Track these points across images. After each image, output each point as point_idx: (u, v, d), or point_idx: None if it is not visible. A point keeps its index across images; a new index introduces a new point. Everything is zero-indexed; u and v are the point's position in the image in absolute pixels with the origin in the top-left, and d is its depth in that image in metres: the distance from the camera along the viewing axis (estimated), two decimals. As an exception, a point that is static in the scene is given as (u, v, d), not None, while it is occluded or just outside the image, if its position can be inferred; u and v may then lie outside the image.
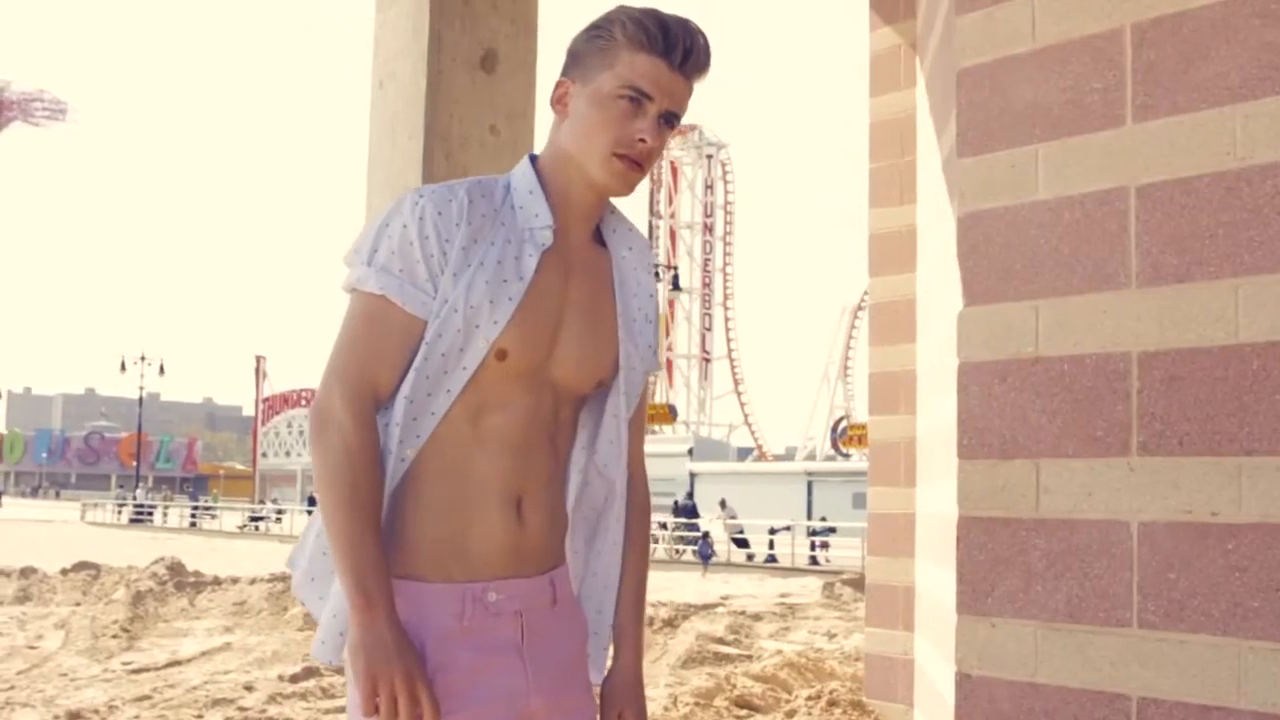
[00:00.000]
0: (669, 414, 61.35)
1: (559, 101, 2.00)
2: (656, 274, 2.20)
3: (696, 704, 6.43)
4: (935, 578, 4.89)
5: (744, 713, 6.54)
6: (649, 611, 14.20)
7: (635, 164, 1.95)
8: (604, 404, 2.09)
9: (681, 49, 1.94)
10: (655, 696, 7.44)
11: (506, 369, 1.93)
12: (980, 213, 2.96)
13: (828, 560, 29.43)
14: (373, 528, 1.84)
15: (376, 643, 1.80)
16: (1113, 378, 2.71)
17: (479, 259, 1.92)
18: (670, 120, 1.97)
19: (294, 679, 8.60)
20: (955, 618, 3.88)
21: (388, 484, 1.91)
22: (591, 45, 1.97)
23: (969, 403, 2.93)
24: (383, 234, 1.93)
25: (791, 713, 6.18)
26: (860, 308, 75.21)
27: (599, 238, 2.11)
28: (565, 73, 2.01)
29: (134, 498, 59.92)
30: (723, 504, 31.89)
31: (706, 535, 28.49)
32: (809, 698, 6.41)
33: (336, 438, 1.87)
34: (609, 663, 2.14)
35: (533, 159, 2.06)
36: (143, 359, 69.26)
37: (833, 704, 6.22)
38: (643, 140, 1.93)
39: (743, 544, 31.82)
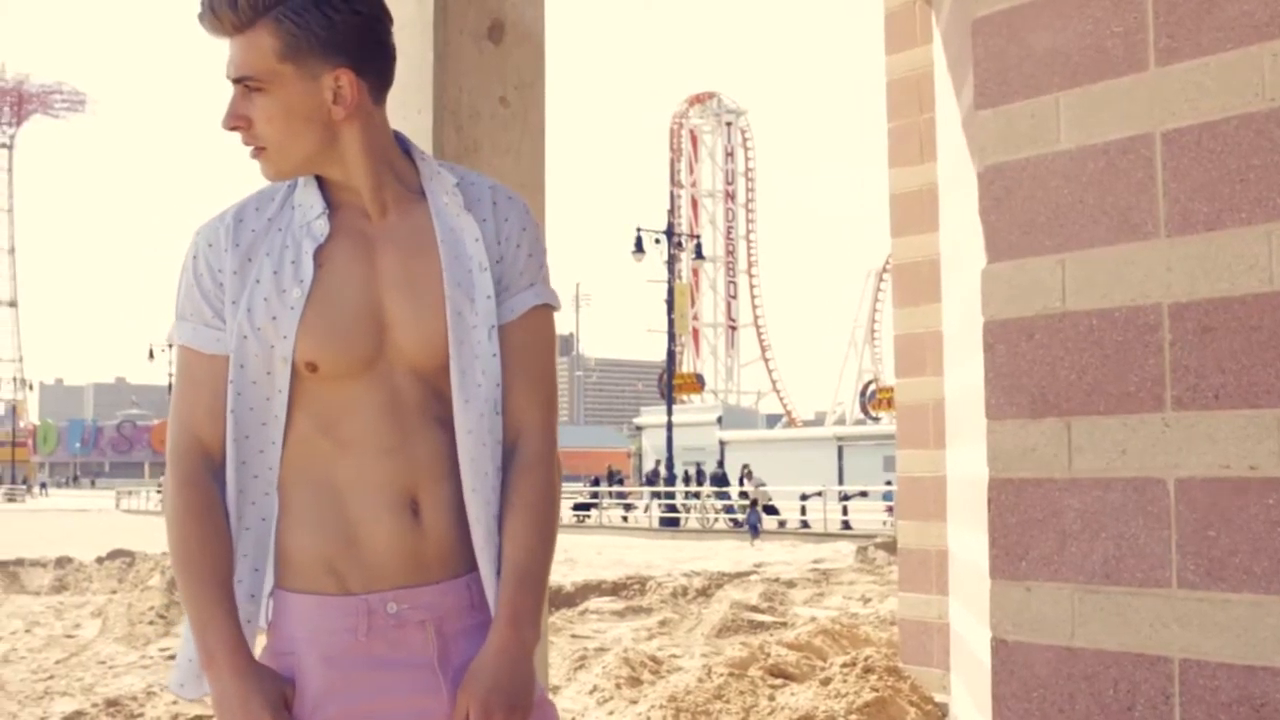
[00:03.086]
0: (696, 383, 61.37)
1: None
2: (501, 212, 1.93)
3: (731, 674, 6.39)
4: (968, 541, 4.82)
5: (779, 682, 6.50)
6: (682, 582, 14.17)
7: (251, 148, 1.82)
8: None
9: (206, 11, 1.78)
10: (689, 667, 7.42)
11: (326, 376, 1.82)
12: (1001, 166, 2.87)
13: (893, 526, 29.26)
14: (206, 586, 1.78)
15: (223, 697, 1.75)
16: (1144, 331, 2.63)
17: (254, 277, 1.82)
18: (248, 84, 1.78)
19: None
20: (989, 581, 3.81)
21: (267, 518, 1.85)
22: None
23: (996, 361, 2.85)
24: (180, 281, 1.89)
25: (827, 680, 6.13)
26: (885, 270, 74.96)
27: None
28: None
29: (159, 485, 60.26)
30: (748, 471, 31.75)
31: (755, 504, 28.42)
32: (844, 665, 6.35)
33: (168, 503, 1.83)
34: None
35: None
36: (171, 346, 69.46)
37: (868, 671, 6.16)
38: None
39: (772, 511, 31.75)
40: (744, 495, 30.79)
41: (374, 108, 1.88)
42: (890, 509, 30.70)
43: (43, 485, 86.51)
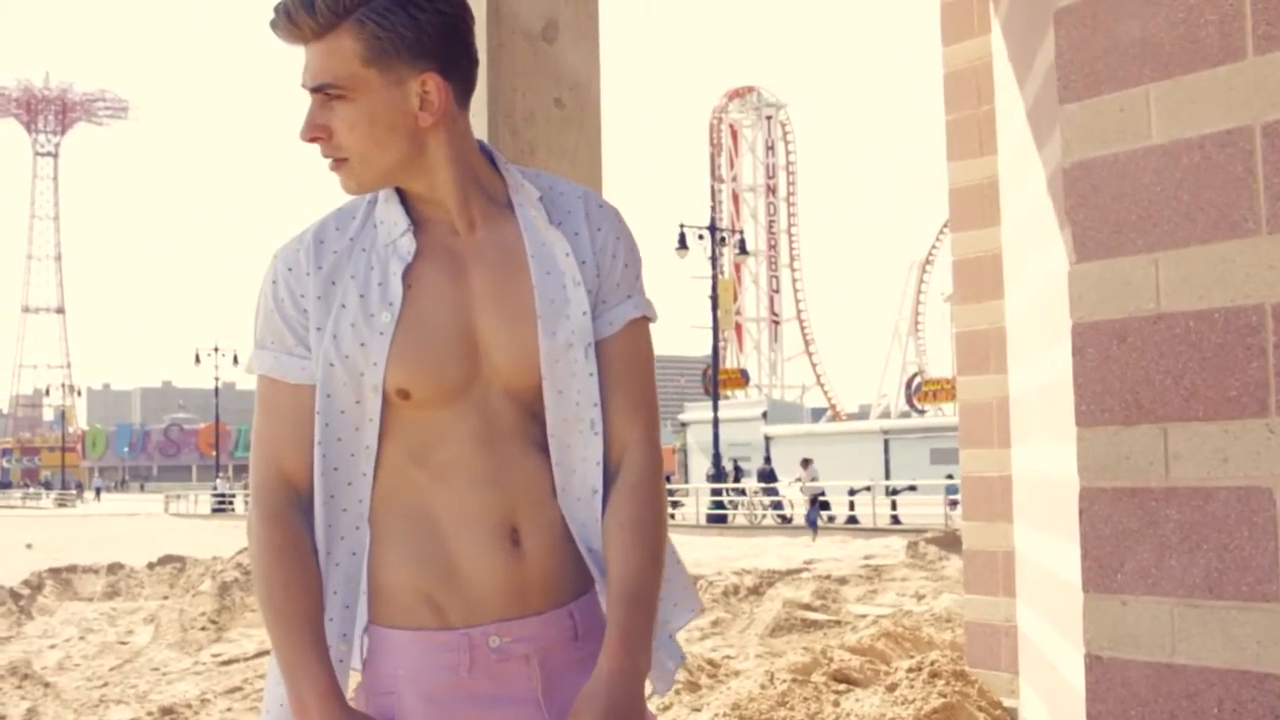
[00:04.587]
0: (741, 378, 61.19)
1: None
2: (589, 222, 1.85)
3: (794, 680, 6.28)
4: (1037, 543, 4.70)
5: (843, 687, 6.39)
6: (733, 580, 14.07)
7: (330, 160, 1.73)
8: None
9: (282, 17, 1.69)
10: (748, 671, 7.31)
11: (419, 403, 1.72)
12: (1088, 162, 2.75)
13: (946, 519, 28.89)
14: (294, 628, 1.69)
15: None
16: (1245, 333, 2.50)
17: (339, 301, 1.73)
18: (329, 92, 1.69)
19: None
20: (1063, 585, 3.69)
21: (358, 552, 1.76)
22: None
23: (1086, 366, 2.74)
24: (259, 307, 1.78)
25: (893, 686, 6.01)
26: (928, 262, 74.58)
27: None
28: None
29: (213, 488, 60.70)
30: (805, 463, 31.44)
31: (814, 501, 28.23)
32: (910, 670, 6.22)
33: (252, 540, 1.74)
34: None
35: None
36: (216, 350, 70.26)
37: (935, 675, 6.03)
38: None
39: (824, 505, 31.53)
40: (776, 492, 30.57)
41: (459, 114, 1.77)
42: (953, 503, 30.27)
43: (98, 490, 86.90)
